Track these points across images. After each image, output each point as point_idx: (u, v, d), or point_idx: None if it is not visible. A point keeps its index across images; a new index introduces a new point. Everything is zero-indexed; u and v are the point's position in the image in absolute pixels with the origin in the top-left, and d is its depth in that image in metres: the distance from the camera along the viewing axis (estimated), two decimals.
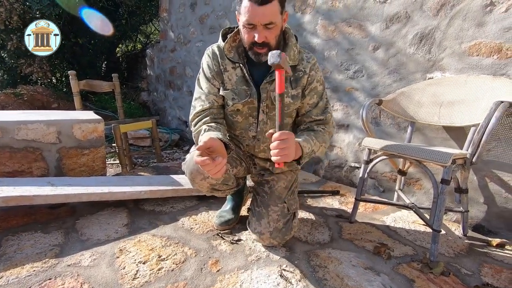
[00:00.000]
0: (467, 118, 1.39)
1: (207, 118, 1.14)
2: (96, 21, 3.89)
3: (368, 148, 1.43)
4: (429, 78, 1.62)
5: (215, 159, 0.87)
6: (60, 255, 1.12)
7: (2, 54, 3.95)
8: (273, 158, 0.92)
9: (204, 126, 1.09)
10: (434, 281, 1.08)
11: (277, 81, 0.92)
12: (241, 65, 1.14)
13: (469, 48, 1.47)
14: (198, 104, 1.17)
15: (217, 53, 1.16)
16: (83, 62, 4.48)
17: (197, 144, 1.15)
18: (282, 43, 1.14)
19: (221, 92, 1.17)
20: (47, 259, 1.09)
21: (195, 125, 1.15)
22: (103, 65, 5.32)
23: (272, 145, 0.92)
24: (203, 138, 0.96)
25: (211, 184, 1.17)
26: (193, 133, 1.17)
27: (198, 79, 1.20)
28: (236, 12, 1.06)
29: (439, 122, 1.50)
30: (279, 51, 0.89)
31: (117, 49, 5.71)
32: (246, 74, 1.13)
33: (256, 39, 1.01)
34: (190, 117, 1.19)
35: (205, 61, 1.18)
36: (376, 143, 1.38)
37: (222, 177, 1.12)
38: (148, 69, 4.47)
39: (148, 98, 4.60)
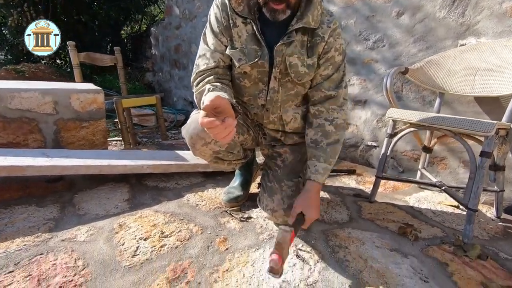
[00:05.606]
0: (507, 87, 1.23)
1: (211, 77, 0.99)
2: None
3: (392, 120, 1.29)
4: (461, 45, 1.45)
5: (224, 120, 0.74)
6: (54, 230, 1.02)
7: (3, 31, 3.84)
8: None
9: (208, 86, 0.94)
10: (470, 265, 0.95)
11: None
12: (251, 21, 0.98)
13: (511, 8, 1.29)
14: (202, 62, 1.02)
15: (227, 4, 0.99)
16: (86, 41, 4.35)
17: (199, 106, 1.01)
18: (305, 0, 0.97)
19: (227, 51, 1.01)
20: (40, 233, 0.99)
21: (197, 84, 1.00)
22: (108, 46, 5.19)
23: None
24: (208, 97, 0.82)
25: (214, 151, 1.04)
26: (194, 94, 1.02)
27: (204, 34, 1.05)
28: None
29: (473, 92, 1.34)
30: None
31: (122, 31, 5.56)
32: (257, 32, 0.98)
33: None
34: (193, 76, 1.03)
35: (213, 12, 1.02)
36: (403, 114, 1.23)
37: (227, 143, 0.99)
38: (153, 48, 4.32)
39: (153, 79, 4.47)
